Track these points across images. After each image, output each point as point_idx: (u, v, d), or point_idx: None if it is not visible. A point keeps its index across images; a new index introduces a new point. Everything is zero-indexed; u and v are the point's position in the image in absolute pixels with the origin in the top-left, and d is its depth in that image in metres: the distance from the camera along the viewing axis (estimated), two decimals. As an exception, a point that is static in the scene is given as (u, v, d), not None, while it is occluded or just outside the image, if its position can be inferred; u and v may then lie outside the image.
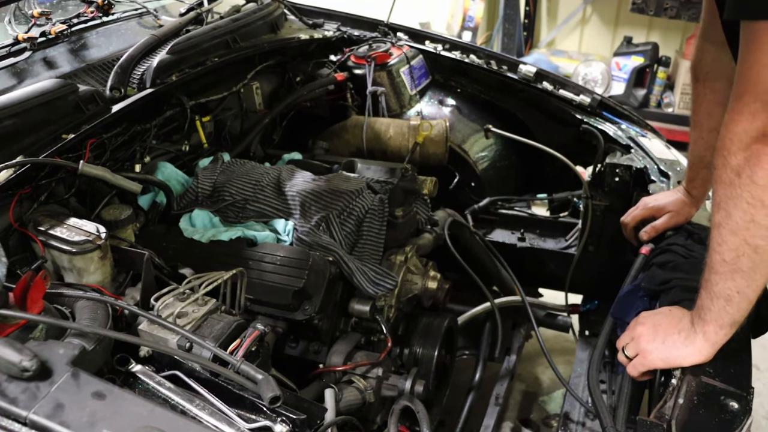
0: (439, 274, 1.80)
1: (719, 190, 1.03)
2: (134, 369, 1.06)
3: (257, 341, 1.15)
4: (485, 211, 2.30)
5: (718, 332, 1.09)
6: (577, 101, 2.16)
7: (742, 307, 1.06)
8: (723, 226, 1.03)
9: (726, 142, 1.00)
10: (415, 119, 2.16)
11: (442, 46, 2.44)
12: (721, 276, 1.05)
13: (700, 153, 1.55)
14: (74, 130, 1.41)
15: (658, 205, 1.67)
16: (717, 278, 1.06)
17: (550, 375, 2.68)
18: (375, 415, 1.56)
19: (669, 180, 1.75)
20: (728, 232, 1.02)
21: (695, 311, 1.13)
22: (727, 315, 1.07)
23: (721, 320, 1.08)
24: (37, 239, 1.26)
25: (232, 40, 1.91)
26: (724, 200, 1.02)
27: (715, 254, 1.05)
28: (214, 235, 1.51)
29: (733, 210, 1.00)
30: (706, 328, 1.10)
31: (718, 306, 1.07)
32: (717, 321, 1.09)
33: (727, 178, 1.01)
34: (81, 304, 1.11)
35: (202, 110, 1.90)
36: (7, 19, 1.86)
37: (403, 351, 1.70)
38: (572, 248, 2.17)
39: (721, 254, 1.04)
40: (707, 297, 1.09)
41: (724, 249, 1.03)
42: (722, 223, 1.03)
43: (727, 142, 1.00)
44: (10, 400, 0.87)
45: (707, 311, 1.09)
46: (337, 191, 1.66)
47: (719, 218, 1.04)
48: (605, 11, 5.43)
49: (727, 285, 1.05)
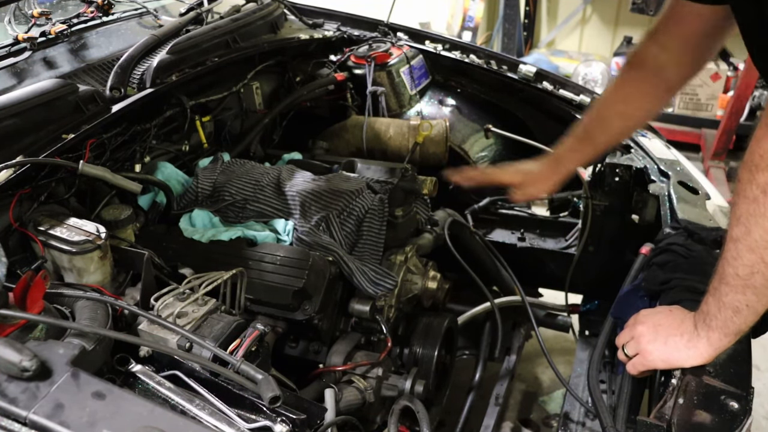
0: (439, 274, 1.80)
1: (741, 205, 1.01)
2: (134, 369, 1.06)
3: (257, 341, 1.15)
4: (485, 211, 2.30)
5: (722, 339, 1.09)
6: (577, 101, 2.16)
7: (750, 319, 1.06)
8: (741, 242, 1.02)
9: (755, 157, 0.98)
10: (415, 119, 2.16)
11: (442, 46, 2.44)
12: (731, 288, 1.04)
13: (594, 130, 1.59)
14: (74, 130, 1.41)
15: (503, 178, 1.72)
16: (727, 289, 1.05)
17: (550, 375, 2.68)
18: (375, 415, 1.56)
19: (669, 180, 1.75)
20: (745, 248, 1.01)
21: (699, 315, 1.12)
22: (733, 325, 1.07)
23: (727, 329, 1.08)
24: (37, 239, 1.26)
25: (232, 40, 1.91)
26: (745, 216, 1.00)
27: (729, 267, 1.04)
28: (214, 235, 1.51)
29: (754, 227, 0.99)
30: (710, 333, 1.10)
31: (726, 316, 1.07)
32: (723, 329, 1.08)
33: (751, 194, 0.99)
34: (81, 304, 1.11)
35: (202, 110, 1.90)
36: (7, 19, 1.86)
37: (403, 351, 1.70)
38: (572, 248, 2.17)
39: (735, 268, 1.03)
40: (715, 305, 1.08)
41: (739, 264, 1.02)
42: (740, 238, 1.02)
43: (757, 157, 0.98)
44: (10, 400, 0.87)
45: (713, 318, 1.09)
46: (337, 191, 1.66)
47: (738, 233, 1.02)
48: (605, 11, 5.44)
49: (737, 298, 1.04)
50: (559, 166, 1.67)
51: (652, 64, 1.48)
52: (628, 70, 1.54)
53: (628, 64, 1.54)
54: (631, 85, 1.52)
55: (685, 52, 1.45)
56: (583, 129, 1.62)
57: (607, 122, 1.58)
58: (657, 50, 1.46)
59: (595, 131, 1.60)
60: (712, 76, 4.88)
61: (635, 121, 1.62)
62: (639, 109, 1.55)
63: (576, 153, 1.65)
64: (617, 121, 1.57)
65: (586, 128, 1.62)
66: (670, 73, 1.49)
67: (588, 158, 1.69)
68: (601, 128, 1.59)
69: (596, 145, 1.63)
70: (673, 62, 1.45)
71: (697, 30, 1.39)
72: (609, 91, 1.63)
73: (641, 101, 1.54)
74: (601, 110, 1.60)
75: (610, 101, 1.59)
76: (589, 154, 1.65)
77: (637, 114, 1.57)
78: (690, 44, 1.43)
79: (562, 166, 1.67)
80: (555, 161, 1.68)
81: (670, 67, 1.48)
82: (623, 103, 1.54)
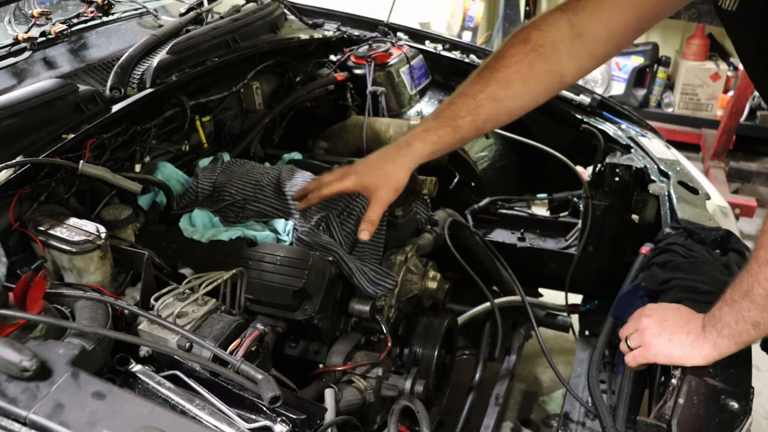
0: (439, 274, 1.80)
1: None
2: (134, 369, 1.06)
3: (257, 341, 1.15)
4: (485, 211, 2.30)
5: (731, 347, 1.09)
6: (577, 101, 2.16)
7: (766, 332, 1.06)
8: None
9: None
10: (415, 119, 2.16)
11: (442, 46, 2.44)
12: (757, 306, 1.04)
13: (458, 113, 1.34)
14: (74, 130, 1.41)
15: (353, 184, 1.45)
16: (752, 306, 1.04)
17: (550, 375, 2.69)
18: (375, 415, 1.56)
19: (669, 180, 1.75)
20: None
21: (710, 319, 1.12)
22: (748, 336, 1.07)
23: (740, 339, 1.08)
24: (37, 239, 1.26)
25: (232, 40, 1.91)
26: None
27: (760, 288, 1.02)
28: (214, 235, 1.51)
29: None
30: (719, 339, 1.09)
31: (743, 328, 1.06)
32: (735, 338, 1.08)
33: None
34: (81, 304, 1.11)
35: (202, 110, 1.90)
36: (7, 19, 1.86)
37: (403, 351, 1.70)
38: (572, 248, 2.17)
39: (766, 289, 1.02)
40: (732, 316, 1.07)
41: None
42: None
43: None
44: (10, 400, 0.87)
45: (726, 327, 1.08)
46: (337, 191, 1.66)
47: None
48: (605, 11, 5.43)
49: (762, 315, 1.04)
50: (409, 150, 1.40)
51: (549, 49, 1.25)
52: (519, 45, 1.28)
53: (522, 39, 1.28)
54: (517, 67, 1.28)
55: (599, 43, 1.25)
56: (448, 108, 1.37)
57: (475, 104, 1.32)
58: (564, 34, 1.24)
59: (459, 111, 1.34)
60: (712, 76, 4.88)
61: (509, 111, 1.35)
62: (516, 96, 1.31)
63: (431, 135, 1.38)
64: (487, 105, 1.32)
65: (451, 107, 1.36)
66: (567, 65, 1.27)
67: (446, 142, 1.40)
68: (466, 109, 1.34)
69: (457, 129, 1.36)
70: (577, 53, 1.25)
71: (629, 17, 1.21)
72: (488, 65, 1.34)
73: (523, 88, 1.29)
74: (473, 87, 1.34)
75: (486, 78, 1.32)
76: (447, 138, 1.38)
77: (513, 102, 1.33)
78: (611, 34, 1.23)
79: (412, 151, 1.40)
80: (405, 145, 1.42)
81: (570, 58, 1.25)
82: (500, 86, 1.30)
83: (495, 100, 1.32)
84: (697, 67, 4.88)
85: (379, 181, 1.45)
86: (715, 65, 4.87)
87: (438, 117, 1.40)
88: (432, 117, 1.41)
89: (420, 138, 1.41)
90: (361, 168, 1.49)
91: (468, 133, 1.39)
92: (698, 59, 4.90)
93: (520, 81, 1.29)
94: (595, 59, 1.30)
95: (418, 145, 1.41)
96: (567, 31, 1.25)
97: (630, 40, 1.29)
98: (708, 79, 4.88)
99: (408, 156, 1.42)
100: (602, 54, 1.29)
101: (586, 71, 1.33)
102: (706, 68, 4.88)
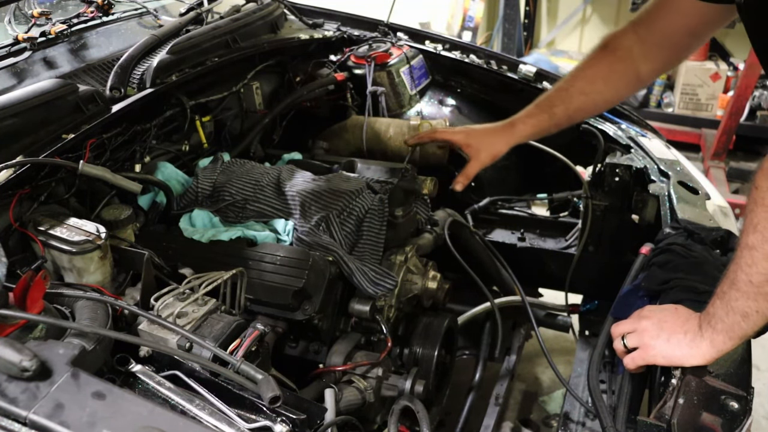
0: (439, 274, 1.80)
1: (759, 213, 1.01)
2: (134, 369, 1.06)
3: (257, 341, 1.15)
4: (485, 211, 2.30)
5: (727, 342, 1.09)
6: (577, 101, 2.16)
7: (758, 324, 1.06)
8: (756, 250, 1.01)
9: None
10: (415, 119, 2.16)
11: (442, 46, 2.44)
12: (743, 294, 1.04)
13: (555, 100, 1.63)
14: (74, 130, 1.41)
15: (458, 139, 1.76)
16: (738, 295, 1.05)
17: (550, 375, 2.69)
18: (375, 415, 1.56)
19: (669, 180, 1.75)
20: (762, 256, 1.00)
21: (705, 316, 1.12)
22: (740, 329, 1.07)
23: (733, 333, 1.07)
24: (37, 239, 1.26)
25: (232, 40, 1.91)
26: (762, 223, 1.00)
27: (742, 274, 1.03)
28: (214, 235, 1.51)
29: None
30: (714, 336, 1.09)
31: (733, 320, 1.06)
32: (728, 333, 1.08)
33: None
34: (81, 304, 1.11)
35: (202, 110, 1.90)
36: (7, 19, 1.86)
37: (403, 351, 1.70)
38: (572, 248, 2.17)
39: (749, 276, 1.02)
40: (722, 309, 1.07)
41: (753, 272, 1.02)
42: (756, 246, 1.01)
43: None
44: (10, 400, 0.87)
45: (719, 321, 1.08)
46: (337, 191, 1.66)
47: (754, 241, 1.01)
48: (605, 11, 5.44)
49: (748, 304, 1.04)
50: (513, 129, 1.69)
51: (625, 53, 1.50)
52: (601, 50, 1.56)
53: (603, 45, 1.56)
54: (599, 67, 1.55)
55: (662, 48, 1.47)
56: (546, 98, 1.65)
57: (567, 95, 1.61)
58: (634, 40, 1.48)
59: (555, 101, 1.63)
60: (712, 76, 4.89)
61: (595, 103, 1.64)
62: (601, 91, 1.58)
63: (532, 119, 1.67)
64: (577, 97, 1.60)
65: (549, 97, 1.65)
66: (641, 66, 1.51)
67: (543, 127, 1.68)
68: (560, 100, 1.62)
69: (552, 115, 1.64)
70: (647, 56, 1.47)
71: (680, 28, 1.41)
72: (578, 66, 1.63)
73: (605, 84, 1.56)
74: (566, 83, 1.63)
75: (576, 76, 1.61)
76: (545, 123, 1.66)
77: (598, 96, 1.60)
78: (669, 41, 1.45)
79: (516, 131, 1.69)
80: (509, 125, 1.70)
81: (643, 60, 1.49)
82: (586, 81, 1.57)
83: (583, 93, 1.59)
84: (697, 67, 4.88)
85: (483, 144, 1.74)
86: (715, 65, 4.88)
87: (538, 105, 1.67)
88: (533, 105, 1.68)
89: (522, 121, 1.68)
90: (469, 130, 1.79)
91: (561, 120, 1.66)
92: (698, 59, 4.90)
93: (602, 78, 1.56)
94: (663, 62, 1.52)
95: (521, 127, 1.69)
96: (635, 38, 1.50)
97: (689, 46, 1.49)
98: (708, 79, 4.88)
99: (511, 134, 1.70)
100: (668, 58, 1.51)
101: (662, 70, 1.56)
102: (706, 68, 4.88)
